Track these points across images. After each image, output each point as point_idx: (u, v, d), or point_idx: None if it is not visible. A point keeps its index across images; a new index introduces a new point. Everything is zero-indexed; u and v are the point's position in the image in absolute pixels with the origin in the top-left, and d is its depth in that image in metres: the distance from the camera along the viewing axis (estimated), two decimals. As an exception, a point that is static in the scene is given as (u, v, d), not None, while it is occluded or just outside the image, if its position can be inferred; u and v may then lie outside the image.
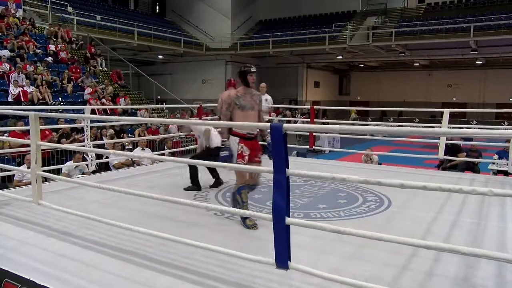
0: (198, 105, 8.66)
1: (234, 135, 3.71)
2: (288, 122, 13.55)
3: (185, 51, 24.03)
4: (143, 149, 8.36)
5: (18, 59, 12.13)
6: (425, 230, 3.65)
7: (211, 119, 11.29)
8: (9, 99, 10.80)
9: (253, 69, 3.76)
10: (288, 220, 2.24)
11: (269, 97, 7.90)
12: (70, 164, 6.85)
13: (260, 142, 4.10)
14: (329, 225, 2.23)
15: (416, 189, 2.03)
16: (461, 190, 1.91)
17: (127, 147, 9.45)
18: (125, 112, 12.96)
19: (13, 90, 10.80)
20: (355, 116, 23.64)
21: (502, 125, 16.90)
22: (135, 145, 9.26)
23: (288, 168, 2.22)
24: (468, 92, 27.30)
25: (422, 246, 2.08)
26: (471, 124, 17.34)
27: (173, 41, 23.02)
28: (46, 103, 11.08)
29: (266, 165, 2.89)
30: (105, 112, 11.62)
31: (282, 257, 2.27)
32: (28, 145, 3.80)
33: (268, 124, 2.31)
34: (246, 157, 3.65)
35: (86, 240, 3.26)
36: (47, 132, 8.57)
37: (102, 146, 8.40)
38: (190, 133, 6.65)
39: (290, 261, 2.29)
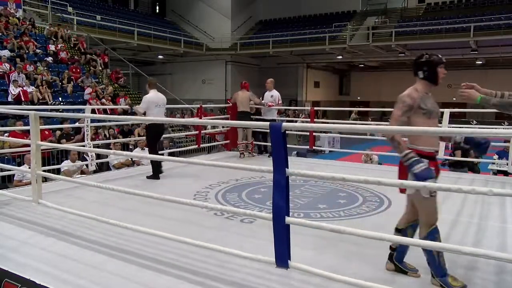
0: (198, 105, 8.66)
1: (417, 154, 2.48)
2: (290, 122, 13.51)
3: (185, 51, 24.04)
4: (142, 149, 8.35)
5: (18, 59, 12.13)
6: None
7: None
8: (9, 99, 10.80)
9: (444, 59, 2.71)
10: (287, 219, 2.24)
11: (275, 93, 7.64)
12: (67, 163, 6.85)
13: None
14: (329, 224, 2.22)
15: (416, 188, 2.02)
16: (460, 190, 1.91)
17: (130, 147, 9.47)
18: (125, 112, 12.96)
19: (13, 90, 10.80)
20: (355, 116, 23.64)
21: (502, 125, 16.88)
22: (136, 145, 9.26)
23: (287, 167, 2.22)
24: (468, 92, 27.27)
25: (421, 246, 2.08)
26: (471, 124, 17.32)
27: (173, 41, 23.02)
28: (46, 103, 11.08)
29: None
30: (105, 112, 11.62)
31: (282, 256, 2.27)
32: (28, 145, 3.80)
33: (268, 123, 2.30)
34: None
35: (86, 240, 3.26)
36: (46, 133, 8.56)
37: (103, 146, 8.41)
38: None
39: (290, 260, 2.29)
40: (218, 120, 7.46)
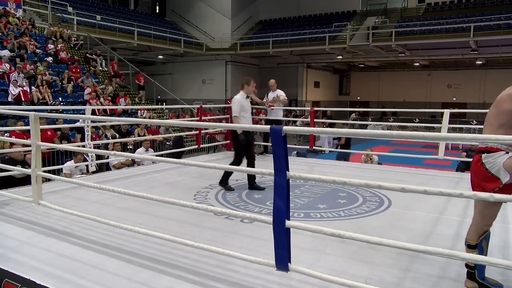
0: (199, 106, 8.66)
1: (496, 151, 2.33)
2: (288, 122, 13.51)
3: (185, 51, 24.05)
4: (146, 149, 8.30)
5: (18, 59, 12.13)
6: (425, 230, 3.65)
7: (210, 120, 11.30)
8: (9, 99, 10.81)
9: None
10: (288, 223, 2.23)
11: (281, 92, 7.61)
12: (70, 164, 6.85)
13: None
14: (329, 228, 2.22)
15: (417, 193, 2.02)
16: (462, 195, 1.90)
17: (129, 147, 9.45)
18: (125, 112, 12.97)
19: (13, 90, 10.80)
20: (355, 116, 23.69)
21: (472, 124, 16.97)
22: (136, 145, 9.24)
23: (288, 170, 2.22)
24: (468, 92, 27.32)
25: (421, 251, 2.08)
26: (471, 124, 17.32)
27: (173, 41, 23.03)
28: (46, 103, 11.08)
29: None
30: (105, 112, 11.64)
31: (282, 260, 2.27)
32: (28, 145, 3.80)
33: (268, 126, 2.30)
34: None
35: (86, 240, 3.26)
36: (49, 133, 8.56)
37: (103, 146, 8.39)
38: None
39: (290, 263, 2.29)
40: (217, 123, 7.45)
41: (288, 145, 2.27)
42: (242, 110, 5.34)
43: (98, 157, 6.95)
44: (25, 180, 5.17)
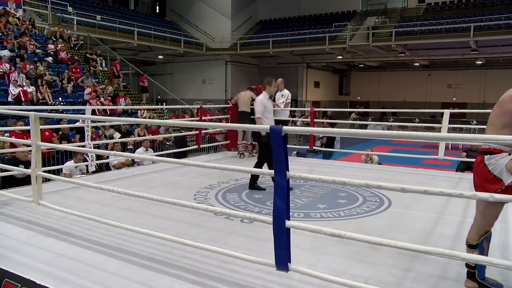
0: (198, 106, 8.66)
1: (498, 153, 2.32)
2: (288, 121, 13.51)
3: (185, 51, 24.05)
4: (146, 149, 8.30)
5: (18, 59, 12.13)
6: (425, 230, 3.65)
7: (210, 120, 11.30)
8: (9, 99, 10.80)
9: None
10: (288, 223, 2.23)
11: (286, 92, 7.52)
12: (70, 164, 6.85)
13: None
14: (329, 228, 2.22)
15: (418, 193, 2.02)
16: (462, 195, 1.90)
17: (128, 147, 9.45)
18: (125, 112, 12.97)
19: (13, 90, 10.80)
20: (355, 116, 23.69)
21: (472, 124, 16.96)
22: (136, 145, 9.24)
23: (288, 170, 2.22)
24: (468, 92, 27.33)
25: (421, 252, 2.08)
26: (471, 124, 17.32)
27: (173, 41, 23.04)
28: (46, 103, 11.08)
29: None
30: (105, 112, 11.64)
31: (282, 259, 2.27)
32: (28, 145, 3.80)
33: (268, 126, 2.30)
34: None
35: (86, 240, 3.26)
36: (47, 133, 8.56)
37: (103, 146, 8.39)
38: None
39: (290, 263, 2.29)
40: (218, 123, 7.43)
41: (288, 145, 2.27)
42: (265, 111, 5.30)
43: (98, 157, 6.94)
44: (26, 180, 5.18)
